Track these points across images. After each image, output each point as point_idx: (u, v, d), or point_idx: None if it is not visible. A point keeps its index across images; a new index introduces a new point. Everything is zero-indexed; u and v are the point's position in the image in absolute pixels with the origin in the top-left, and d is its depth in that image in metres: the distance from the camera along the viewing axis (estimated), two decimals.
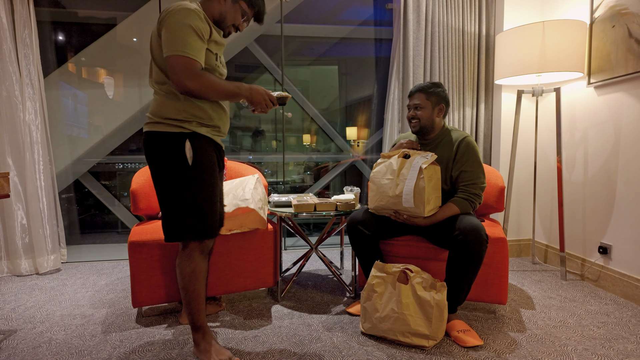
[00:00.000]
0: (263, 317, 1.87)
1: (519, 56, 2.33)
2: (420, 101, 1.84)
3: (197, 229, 1.38)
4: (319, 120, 3.53)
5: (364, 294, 1.70)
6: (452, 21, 2.80)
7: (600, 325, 1.79)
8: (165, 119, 1.35)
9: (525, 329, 1.76)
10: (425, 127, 1.85)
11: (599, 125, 2.30)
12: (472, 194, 1.76)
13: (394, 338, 1.61)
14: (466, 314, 1.93)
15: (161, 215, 1.42)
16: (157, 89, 1.38)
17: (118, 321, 1.85)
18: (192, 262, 1.41)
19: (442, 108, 1.85)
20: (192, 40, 1.27)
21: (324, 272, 2.59)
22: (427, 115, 1.84)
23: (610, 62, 2.18)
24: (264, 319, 1.86)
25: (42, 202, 2.58)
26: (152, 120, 1.38)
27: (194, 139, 1.36)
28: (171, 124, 1.35)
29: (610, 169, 2.23)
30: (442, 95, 1.85)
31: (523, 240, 2.94)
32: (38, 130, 2.55)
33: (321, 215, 1.98)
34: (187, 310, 1.44)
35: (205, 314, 1.47)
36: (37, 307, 2.02)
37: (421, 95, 1.84)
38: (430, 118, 1.84)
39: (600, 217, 2.30)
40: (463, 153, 1.78)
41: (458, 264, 1.62)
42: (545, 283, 2.36)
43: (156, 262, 1.81)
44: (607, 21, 2.20)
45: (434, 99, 1.83)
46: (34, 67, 2.52)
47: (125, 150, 3.26)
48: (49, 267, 2.61)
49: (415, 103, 1.85)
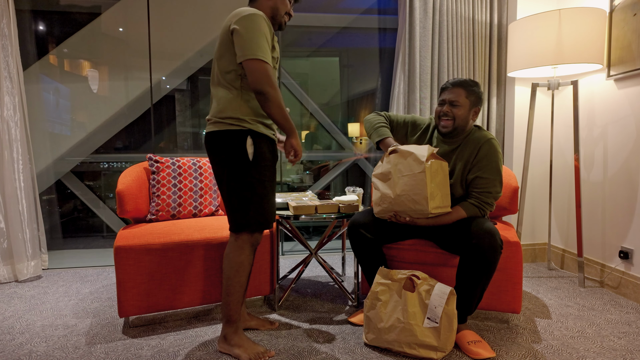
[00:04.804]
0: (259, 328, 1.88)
1: (534, 47, 2.33)
2: (459, 98, 1.73)
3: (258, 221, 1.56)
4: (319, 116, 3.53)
5: (367, 302, 1.70)
6: (461, 9, 2.81)
7: (621, 336, 1.80)
8: (227, 118, 1.53)
9: (541, 340, 1.76)
10: (458, 129, 1.77)
11: (619, 121, 2.30)
12: (484, 202, 1.74)
13: (400, 350, 1.61)
14: (477, 323, 1.93)
15: (225, 208, 1.59)
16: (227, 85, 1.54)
17: (103, 332, 1.85)
18: (242, 254, 1.57)
19: (478, 111, 1.79)
20: (266, 46, 1.46)
21: (325, 278, 2.60)
22: (463, 116, 1.74)
23: (631, 53, 2.19)
24: (260, 329, 1.86)
25: (21, 204, 2.58)
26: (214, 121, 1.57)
27: (254, 137, 1.54)
28: (232, 123, 1.52)
29: (631, 168, 2.23)
30: (481, 98, 1.78)
31: (538, 245, 2.94)
32: (17, 127, 2.55)
33: (322, 218, 1.99)
34: (225, 301, 1.59)
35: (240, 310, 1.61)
36: (16, 317, 2.02)
37: (461, 92, 1.74)
38: (466, 119, 1.76)
39: (621, 219, 2.30)
40: (482, 157, 1.73)
41: (470, 270, 1.62)
42: (562, 290, 2.36)
43: (144, 268, 1.81)
44: (628, 9, 2.21)
45: (473, 99, 1.76)
46: (12, 59, 2.52)
47: (111, 149, 3.27)
48: (29, 273, 2.61)
49: (452, 99, 1.74)
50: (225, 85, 1.54)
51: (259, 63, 1.44)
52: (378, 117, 1.92)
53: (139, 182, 2.14)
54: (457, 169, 1.78)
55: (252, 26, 1.44)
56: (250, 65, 1.44)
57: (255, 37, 1.44)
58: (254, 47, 1.43)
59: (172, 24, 3.13)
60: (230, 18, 1.51)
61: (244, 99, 1.54)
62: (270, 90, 1.45)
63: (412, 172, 1.64)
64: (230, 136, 1.52)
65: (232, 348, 1.59)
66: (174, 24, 3.14)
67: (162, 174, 2.17)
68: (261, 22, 1.46)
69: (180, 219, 2.18)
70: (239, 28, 1.45)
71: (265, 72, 1.44)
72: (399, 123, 1.94)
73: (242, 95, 1.54)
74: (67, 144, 3.11)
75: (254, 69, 1.44)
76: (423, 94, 2.80)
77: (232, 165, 1.53)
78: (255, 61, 1.44)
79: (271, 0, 1.59)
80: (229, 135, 1.52)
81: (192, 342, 1.74)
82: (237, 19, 1.46)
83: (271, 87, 1.45)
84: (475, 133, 1.79)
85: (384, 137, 1.83)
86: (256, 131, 1.54)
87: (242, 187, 1.53)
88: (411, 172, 1.64)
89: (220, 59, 1.54)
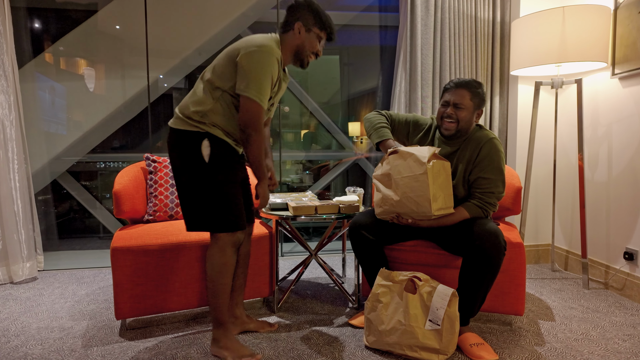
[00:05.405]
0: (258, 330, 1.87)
1: (537, 44, 2.32)
2: (463, 100, 1.71)
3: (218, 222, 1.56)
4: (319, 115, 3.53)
5: (368, 304, 1.69)
6: (463, 7, 2.80)
7: (626, 338, 1.79)
8: (191, 116, 1.55)
9: (544, 342, 1.75)
10: (461, 132, 1.76)
11: (624, 120, 2.30)
12: (487, 202, 1.73)
13: (401, 352, 1.60)
14: (479, 326, 1.93)
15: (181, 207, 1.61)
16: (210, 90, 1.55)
17: (100, 334, 1.84)
18: (224, 255, 1.57)
19: (481, 113, 1.78)
20: (267, 87, 1.49)
21: (325, 280, 2.59)
22: (468, 118, 1.73)
23: (636, 51, 2.18)
24: (259, 332, 1.85)
25: (16, 204, 2.57)
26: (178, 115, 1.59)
27: (212, 140, 1.55)
28: (194, 124, 1.55)
29: (636, 168, 2.23)
30: (485, 99, 1.77)
31: (541, 246, 2.93)
32: (12, 126, 2.54)
33: (322, 218, 1.98)
34: (212, 304, 1.59)
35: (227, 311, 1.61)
36: (11, 319, 2.01)
37: (466, 93, 1.71)
38: (470, 122, 1.75)
39: (626, 220, 2.30)
40: (484, 157, 1.72)
41: (473, 272, 1.61)
42: (565, 292, 2.36)
43: (141, 270, 1.81)
44: (633, 6, 2.20)
45: (477, 101, 1.74)
46: (7, 57, 2.51)
47: (108, 148, 3.26)
48: (25, 275, 2.61)
49: (456, 101, 1.71)
50: (209, 90, 1.56)
51: (254, 104, 1.48)
52: (379, 117, 1.90)
53: (136, 182, 2.13)
54: (459, 169, 1.77)
55: (257, 65, 1.46)
56: (245, 103, 1.48)
57: (259, 77, 1.47)
58: (255, 88, 1.47)
59: (169, 22, 3.13)
60: (239, 46, 1.52)
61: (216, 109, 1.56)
62: (254, 134, 1.50)
63: (413, 174, 1.62)
64: (189, 137, 1.55)
65: (220, 350, 1.60)
66: (172, 21, 3.13)
67: (160, 173, 2.17)
68: (268, 60, 1.47)
69: (178, 220, 2.17)
70: (245, 64, 1.47)
71: (257, 115, 1.48)
72: (400, 123, 1.93)
73: (216, 106, 1.55)
74: (63, 144, 3.10)
75: (247, 108, 1.48)
76: (424, 92, 2.79)
77: (188, 165, 1.55)
78: (252, 102, 1.47)
79: (299, 39, 1.60)
80: (188, 136, 1.55)
81: (189, 345, 1.73)
82: (244, 53, 1.48)
83: (255, 131, 1.50)
84: (477, 133, 1.78)
85: (384, 139, 1.82)
86: (215, 135, 1.56)
87: (198, 188, 1.54)
88: (412, 174, 1.62)
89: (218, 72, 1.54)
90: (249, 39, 1.52)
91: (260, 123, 1.50)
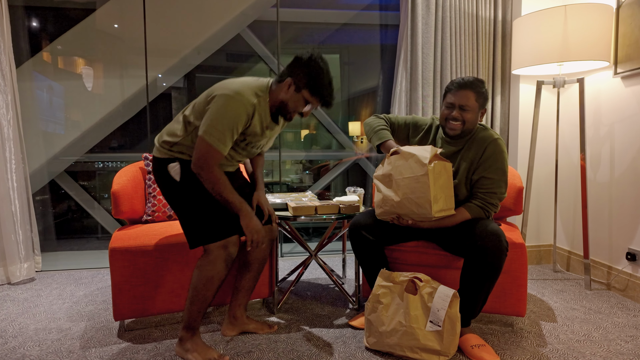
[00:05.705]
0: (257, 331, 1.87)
1: (539, 43, 2.32)
2: (469, 102, 1.69)
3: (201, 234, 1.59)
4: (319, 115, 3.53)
5: (368, 305, 1.70)
6: (464, 5, 2.80)
7: (629, 340, 1.79)
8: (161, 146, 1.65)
9: (546, 344, 1.76)
10: (465, 132, 1.77)
11: (626, 119, 2.30)
12: (489, 203, 1.73)
13: (402, 354, 1.61)
14: (481, 327, 1.93)
15: None
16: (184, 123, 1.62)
17: (98, 336, 1.84)
18: (213, 268, 1.57)
19: (484, 112, 1.78)
20: (226, 133, 1.50)
21: (325, 281, 2.59)
22: (473, 119, 1.72)
23: (639, 50, 2.18)
24: (259, 333, 1.86)
25: (14, 204, 2.58)
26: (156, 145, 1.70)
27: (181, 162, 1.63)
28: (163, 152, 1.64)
29: (639, 168, 2.23)
30: (488, 97, 1.77)
31: (543, 246, 2.94)
32: (10, 126, 2.55)
33: (322, 219, 1.98)
34: (188, 309, 1.60)
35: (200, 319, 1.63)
36: (9, 320, 2.01)
37: (471, 95, 1.70)
38: (475, 122, 1.75)
39: (629, 220, 2.30)
40: (488, 157, 1.73)
41: (474, 273, 1.61)
42: (567, 293, 2.36)
43: (140, 270, 1.81)
44: (636, 5, 2.20)
45: (482, 101, 1.74)
46: (5, 56, 2.51)
47: (106, 148, 3.26)
48: (22, 276, 2.61)
49: (462, 103, 1.70)
50: (184, 123, 1.62)
51: (206, 146, 1.50)
52: (378, 120, 1.91)
53: (135, 182, 2.13)
54: (461, 169, 1.78)
55: (221, 111, 1.48)
56: (199, 142, 1.51)
57: (219, 123, 1.49)
58: (212, 131, 1.49)
59: (168, 20, 3.13)
60: (217, 87, 1.55)
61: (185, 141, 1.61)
62: (202, 173, 1.52)
63: (414, 175, 1.62)
64: (162, 163, 1.64)
65: (186, 353, 1.60)
66: (171, 20, 3.13)
67: None
68: (236, 109, 1.49)
69: (177, 220, 2.17)
70: (212, 106, 1.50)
71: (206, 155, 1.50)
72: (399, 125, 1.93)
73: (186, 139, 1.61)
74: (61, 143, 3.10)
75: (199, 147, 1.51)
76: (425, 92, 2.79)
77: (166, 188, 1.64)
78: (205, 143, 1.50)
79: (286, 95, 1.59)
80: (161, 162, 1.64)
81: None
82: (217, 94, 1.51)
83: (204, 171, 1.52)
84: (481, 133, 1.79)
85: (385, 140, 1.82)
86: (183, 159, 1.63)
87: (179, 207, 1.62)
88: (413, 175, 1.62)
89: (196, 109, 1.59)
90: (229, 82, 1.55)
91: (209, 164, 1.51)
